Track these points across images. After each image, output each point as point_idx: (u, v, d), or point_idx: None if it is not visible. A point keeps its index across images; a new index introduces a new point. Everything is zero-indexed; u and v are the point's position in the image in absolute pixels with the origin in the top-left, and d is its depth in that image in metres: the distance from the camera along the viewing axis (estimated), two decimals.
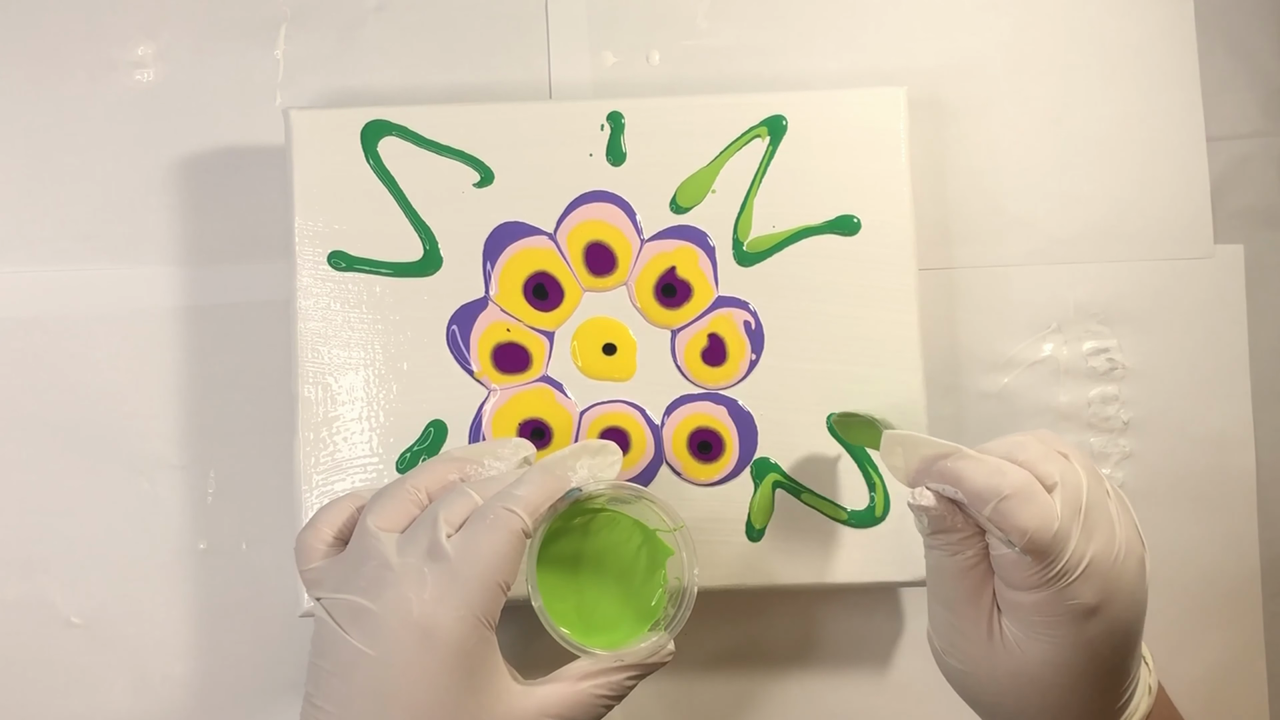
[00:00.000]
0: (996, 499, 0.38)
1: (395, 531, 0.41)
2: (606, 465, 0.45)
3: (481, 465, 0.44)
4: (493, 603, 0.40)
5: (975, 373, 0.56)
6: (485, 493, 0.42)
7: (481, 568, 0.40)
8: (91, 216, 0.55)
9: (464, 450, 0.45)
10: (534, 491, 0.42)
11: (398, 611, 0.39)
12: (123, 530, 0.54)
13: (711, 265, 0.52)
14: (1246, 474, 0.56)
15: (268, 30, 0.56)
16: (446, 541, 0.40)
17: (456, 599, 0.39)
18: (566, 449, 0.44)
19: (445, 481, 0.43)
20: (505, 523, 0.40)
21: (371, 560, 0.40)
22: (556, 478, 0.43)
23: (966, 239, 0.56)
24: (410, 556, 0.40)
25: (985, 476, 0.39)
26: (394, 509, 0.42)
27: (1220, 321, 0.56)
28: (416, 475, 0.43)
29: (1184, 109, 0.57)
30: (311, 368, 0.51)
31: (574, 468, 0.44)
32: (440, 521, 0.40)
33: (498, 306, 0.51)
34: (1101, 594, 0.39)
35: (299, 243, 0.51)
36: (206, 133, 0.55)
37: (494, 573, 0.40)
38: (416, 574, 0.40)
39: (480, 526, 0.40)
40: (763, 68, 0.56)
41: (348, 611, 0.40)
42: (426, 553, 0.40)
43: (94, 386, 0.54)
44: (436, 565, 0.40)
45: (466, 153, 0.51)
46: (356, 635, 0.39)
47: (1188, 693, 0.55)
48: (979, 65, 0.57)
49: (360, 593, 0.40)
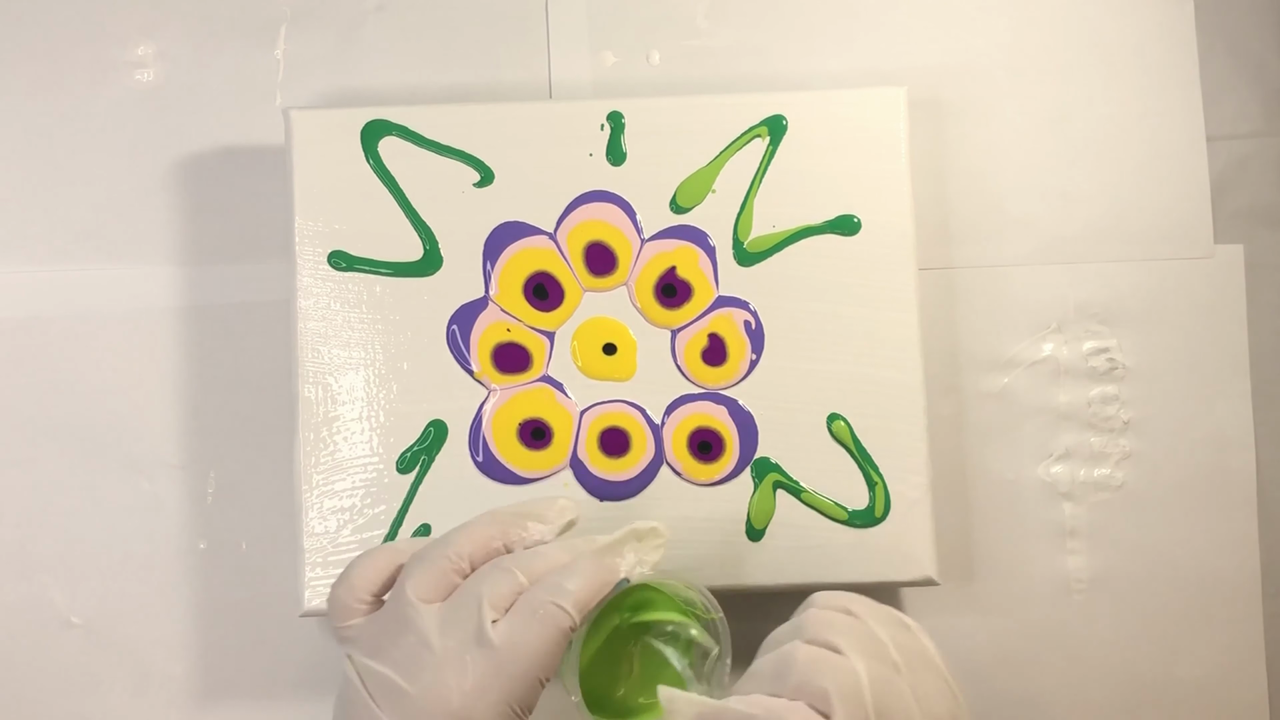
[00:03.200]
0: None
1: (435, 602, 0.40)
2: (652, 549, 0.44)
3: (525, 529, 0.43)
4: (531, 696, 0.39)
5: (975, 373, 0.56)
6: (530, 572, 0.41)
7: (526, 664, 0.39)
8: (91, 216, 0.55)
9: (507, 511, 0.43)
10: (585, 586, 0.40)
11: (436, 699, 0.38)
12: (123, 530, 0.54)
13: (712, 265, 0.52)
14: (1246, 474, 0.56)
15: (268, 30, 0.56)
16: (491, 629, 0.39)
17: (498, 692, 0.39)
18: (618, 534, 0.43)
19: (489, 548, 0.42)
20: (554, 620, 0.39)
21: (410, 635, 0.39)
22: (607, 569, 0.42)
23: (966, 239, 0.56)
24: (452, 640, 0.39)
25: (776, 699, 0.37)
26: (435, 578, 0.41)
27: (1220, 321, 0.56)
28: (458, 540, 0.42)
29: (1184, 109, 0.57)
30: (311, 368, 0.51)
31: (622, 554, 0.43)
32: (485, 605, 0.39)
33: (498, 306, 0.51)
34: None
35: (299, 243, 0.51)
36: (206, 133, 0.55)
37: (538, 669, 0.39)
38: (458, 661, 0.39)
39: (529, 620, 0.39)
40: (763, 68, 0.56)
41: (383, 686, 0.39)
42: (471, 640, 0.39)
43: (94, 386, 0.54)
44: (480, 654, 0.39)
45: (466, 152, 0.51)
46: (390, 714, 0.39)
47: (1188, 693, 0.55)
48: (979, 65, 0.57)
49: (397, 669, 0.39)
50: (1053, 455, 0.56)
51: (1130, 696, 0.55)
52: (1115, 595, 0.55)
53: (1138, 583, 0.55)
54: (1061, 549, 0.55)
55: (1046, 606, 0.55)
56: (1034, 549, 0.55)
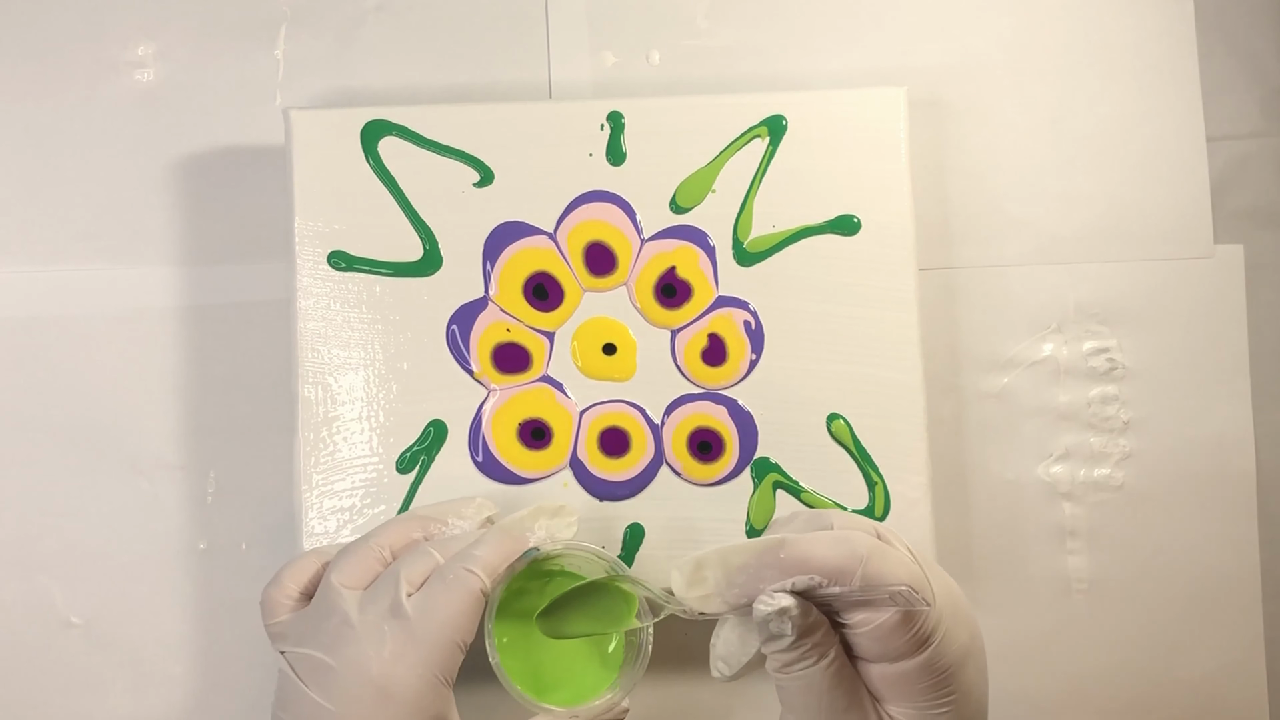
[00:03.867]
0: (860, 563, 0.38)
1: (358, 589, 0.43)
2: (564, 526, 0.46)
3: (445, 524, 0.46)
4: (450, 661, 0.41)
5: (975, 373, 0.56)
6: (447, 552, 0.43)
7: (439, 627, 0.41)
8: (91, 216, 0.55)
9: (428, 509, 0.47)
10: (492, 552, 0.43)
11: (357, 669, 0.40)
12: (123, 530, 0.54)
13: (711, 265, 0.52)
14: (1246, 474, 0.56)
15: (268, 30, 0.56)
16: (407, 601, 0.41)
17: (414, 657, 0.41)
18: (525, 510, 0.45)
19: (409, 539, 0.45)
20: (464, 583, 0.42)
21: (334, 616, 0.42)
22: (515, 538, 0.44)
23: (966, 239, 0.56)
24: (371, 614, 0.41)
25: (834, 548, 0.38)
26: (358, 566, 0.43)
27: (1220, 321, 0.56)
28: (381, 533, 0.44)
29: (1184, 109, 0.57)
30: (311, 368, 0.51)
31: (532, 528, 0.45)
32: (401, 580, 0.42)
33: (498, 306, 0.51)
34: (969, 630, 0.40)
35: (299, 243, 0.51)
36: (206, 133, 0.55)
37: (452, 632, 0.41)
38: (376, 632, 0.41)
39: (439, 586, 0.42)
40: (763, 68, 0.56)
41: (309, 666, 0.41)
42: (387, 611, 0.41)
43: (94, 386, 0.54)
44: (396, 624, 0.41)
45: (466, 153, 0.51)
46: (316, 690, 0.41)
47: (1188, 693, 0.55)
48: (979, 65, 0.57)
49: (322, 648, 0.41)
50: (1053, 455, 0.56)
51: (1130, 696, 0.55)
52: (1115, 595, 0.55)
53: (1138, 583, 0.55)
54: (1061, 549, 0.55)
55: (1046, 606, 0.55)
56: (1034, 549, 0.55)
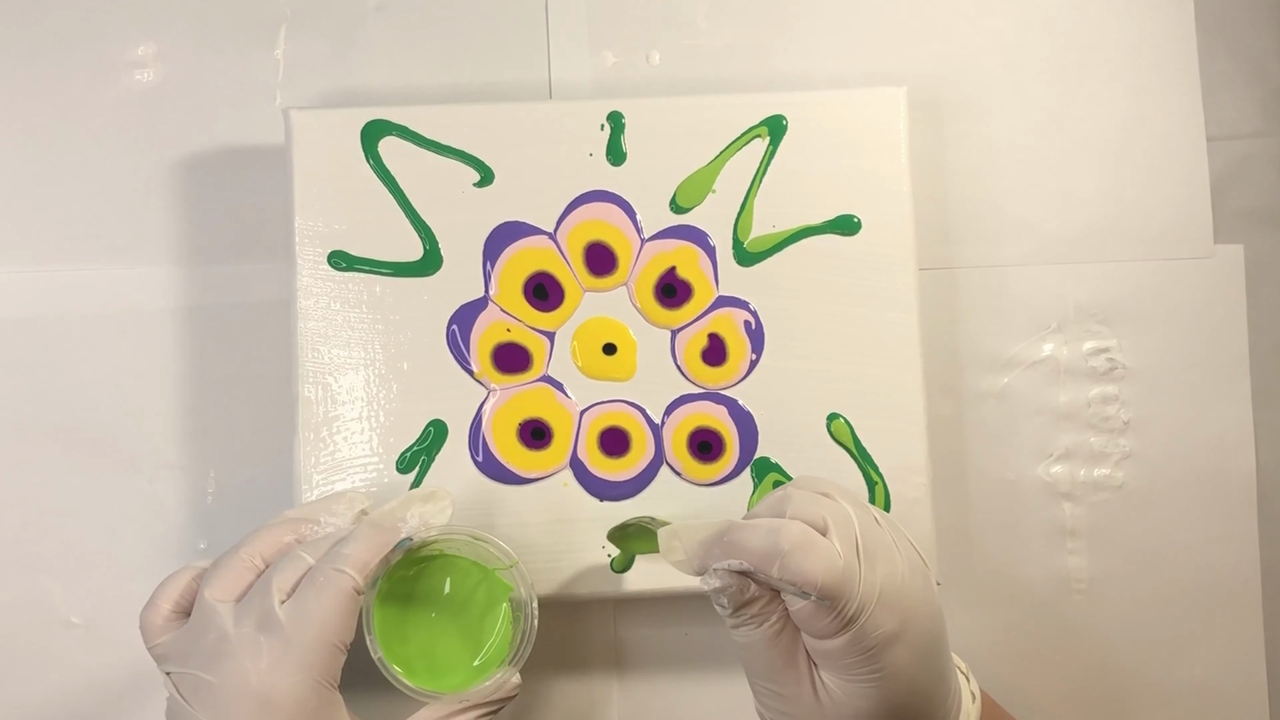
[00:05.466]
0: (780, 556, 0.39)
1: (232, 601, 0.42)
2: (438, 511, 0.46)
3: (317, 524, 0.45)
4: (331, 663, 0.41)
5: (975, 373, 0.56)
6: (318, 553, 0.43)
7: (315, 631, 0.41)
8: (91, 216, 0.55)
9: (298, 510, 0.46)
10: (362, 548, 0.43)
11: (236, 683, 0.40)
12: (123, 530, 0.54)
13: (711, 265, 0.52)
14: (1246, 474, 0.56)
15: (268, 30, 0.56)
16: (279, 609, 0.41)
17: (292, 665, 0.40)
18: (396, 500, 0.45)
19: (280, 545, 0.44)
20: (335, 583, 0.41)
21: (210, 632, 0.41)
22: (385, 530, 0.44)
23: (966, 239, 0.56)
24: (245, 626, 0.41)
25: (763, 538, 0.40)
26: (230, 578, 0.43)
27: (1220, 321, 0.56)
28: (251, 542, 0.44)
29: (1184, 109, 0.57)
30: (311, 368, 0.51)
31: (404, 517, 0.45)
32: (273, 589, 0.41)
33: (498, 306, 0.51)
34: (900, 617, 0.40)
35: (299, 243, 0.51)
36: (206, 133, 0.55)
37: (328, 634, 0.41)
38: (252, 643, 0.41)
39: (311, 590, 0.41)
40: (763, 68, 0.56)
41: (191, 685, 0.41)
42: (260, 622, 0.41)
43: (94, 386, 0.54)
44: (270, 633, 0.41)
45: (466, 153, 0.51)
46: (200, 709, 0.40)
47: (1188, 693, 0.55)
48: (979, 65, 0.57)
49: (201, 666, 0.41)
50: (1053, 455, 0.56)
51: (1130, 696, 0.55)
52: (1115, 595, 0.55)
53: (1138, 583, 0.55)
54: (1061, 549, 0.55)
55: (1046, 606, 0.55)
56: (1034, 549, 0.55)
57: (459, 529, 0.46)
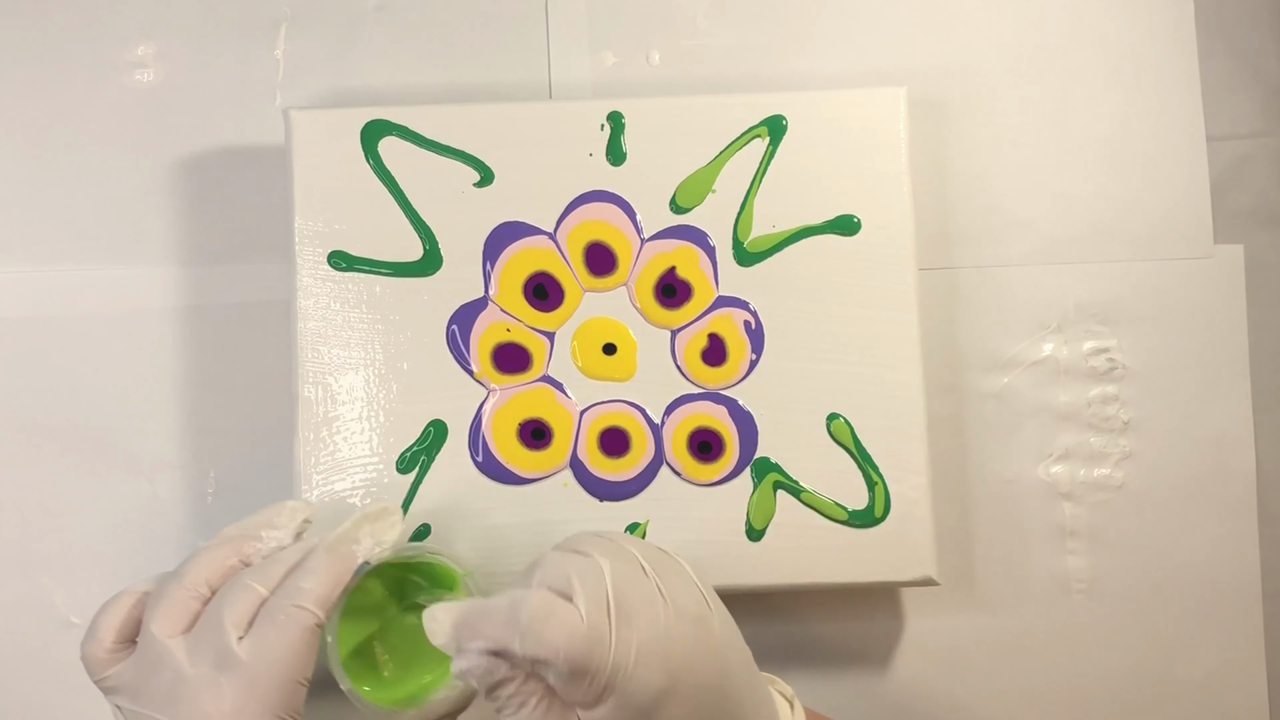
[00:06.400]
0: (518, 632, 0.37)
1: (181, 635, 0.41)
2: (388, 527, 0.45)
3: (259, 539, 0.44)
4: (294, 699, 0.40)
5: (975, 373, 0.56)
6: (268, 580, 0.41)
7: (278, 670, 0.40)
8: (91, 216, 0.55)
9: (237, 527, 0.44)
10: (322, 582, 0.41)
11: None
12: (123, 530, 0.54)
13: (711, 265, 0.52)
14: (1246, 474, 0.56)
15: (268, 30, 0.56)
16: (237, 647, 0.40)
17: (257, 706, 0.39)
18: (347, 523, 0.44)
19: (225, 568, 0.42)
20: (297, 621, 0.40)
21: (164, 671, 0.40)
22: (343, 558, 0.43)
23: (966, 239, 0.56)
24: (202, 665, 0.40)
25: (502, 614, 0.37)
26: (176, 610, 0.41)
27: (1220, 321, 0.56)
28: (193, 567, 0.42)
29: (1184, 109, 0.57)
30: (311, 368, 0.51)
31: (357, 539, 0.44)
32: (226, 625, 0.40)
33: (498, 306, 0.51)
34: (668, 671, 0.37)
35: (299, 243, 0.51)
36: (206, 133, 0.55)
37: (291, 672, 0.40)
38: (212, 685, 0.39)
39: (271, 628, 0.40)
40: (763, 68, 0.56)
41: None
42: (218, 660, 0.40)
43: (94, 386, 0.54)
44: (230, 673, 0.40)
45: (466, 153, 0.51)
46: None
47: (1188, 693, 0.55)
48: (979, 65, 0.57)
49: (157, 707, 0.40)
50: (1053, 455, 0.56)
51: (1130, 696, 0.55)
52: (1115, 595, 0.55)
53: (1138, 583, 0.55)
54: (1061, 549, 0.55)
55: (1046, 606, 0.55)
56: (1034, 549, 0.55)
57: (411, 547, 0.46)
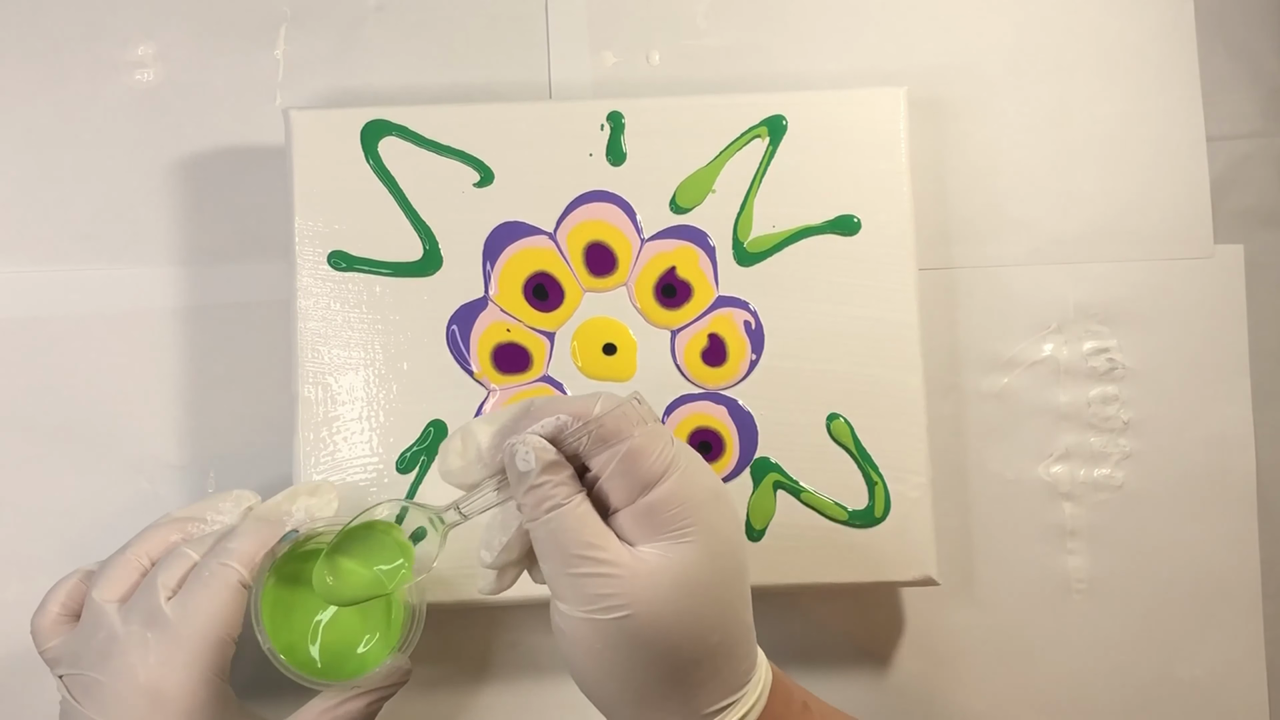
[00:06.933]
0: (596, 403, 0.39)
1: (119, 601, 0.43)
2: (324, 504, 0.47)
3: (204, 522, 0.46)
4: (219, 657, 0.42)
5: (975, 373, 0.56)
6: (201, 548, 0.44)
7: (201, 625, 0.42)
8: (91, 216, 0.55)
9: (185, 510, 0.47)
10: (247, 542, 0.43)
11: (126, 680, 0.41)
12: (123, 530, 0.54)
13: (711, 265, 0.52)
14: (1246, 474, 0.56)
15: (268, 30, 0.56)
16: (165, 605, 0.42)
17: (181, 660, 0.41)
18: (281, 494, 0.46)
19: (167, 544, 0.45)
20: (220, 577, 0.42)
21: (100, 632, 0.42)
22: (270, 524, 0.45)
23: (966, 239, 0.56)
24: (133, 624, 0.42)
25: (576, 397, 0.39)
26: (118, 578, 0.43)
27: (1220, 321, 0.56)
28: (138, 542, 0.45)
29: (1184, 109, 0.57)
30: (311, 368, 0.51)
31: (290, 511, 0.46)
32: (158, 585, 0.42)
33: (498, 306, 0.51)
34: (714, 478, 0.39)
35: (299, 243, 0.51)
36: (206, 133, 0.55)
37: (215, 628, 0.42)
38: (140, 640, 0.41)
39: (196, 585, 0.42)
40: (763, 68, 0.56)
41: (82, 686, 0.42)
42: (147, 619, 0.42)
43: (94, 386, 0.54)
44: (157, 630, 0.41)
45: (466, 153, 0.51)
46: (90, 708, 0.41)
47: (1188, 693, 0.55)
48: (979, 65, 0.57)
49: (91, 666, 0.42)
50: (1053, 455, 0.56)
51: (1130, 696, 0.55)
52: (1115, 595, 0.55)
53: (1138, 583, 0.55)
54: (1061, 549, 0.55)
55: (1046, 606, 0.55)
56: (1034, 549, 0.55)
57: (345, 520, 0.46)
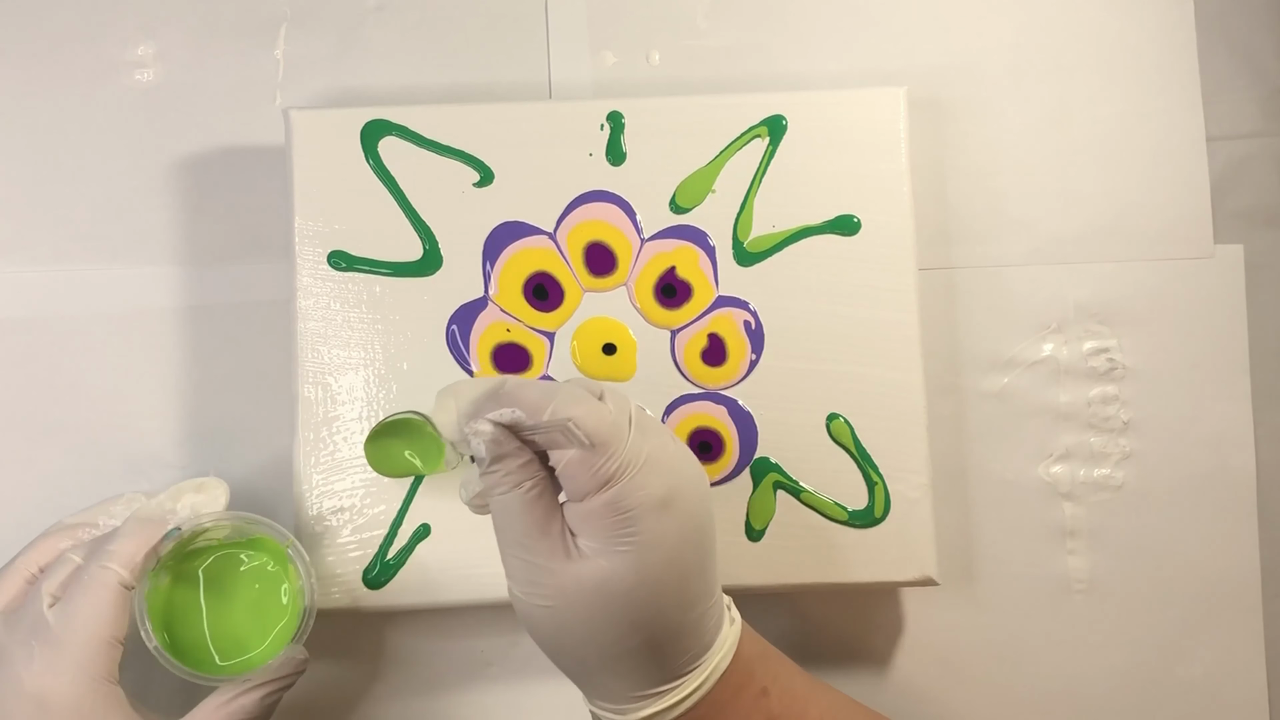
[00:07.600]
0: (551, 402, 0.39)
1: (5, 611, 0.43)
2: (210, 501, 0.47)
3: (95, 527, 0.46)
4: (106, 659, 0.42)
5: (975, 373, 0.56)
6: (85, 553, 0.44)
7: (84, 629, 0.42)
8: (91, 216, 0.55)
9: (75, 516, 0.47)
10: (127, 543, 0.43)
11: (11, 689, 0.41)
12: None
13: (711, 265, 0.52)
14: (1246, 474, 0.56)
15: (268, 30, 0.56)
16: (48, 612, 0.42)
17: (65, 664, 0.41)
18: (165, 492, 0.46)
19: (56, 552, 0.45)
20: (100, 580, 0.42)
21: None
22: (151, 523, 0.45)
23: (966, 239, 0.56)
24: (18, 632, 0.42)
25: (538, 390, 0.40)
26: (6, 589, 0.44)
27: (1220, 321, 0.56)
28: (28, 552, 0.45)
29: (1184, 109, 0.57)
30: (311, 368, 0.51)
31: (174, 509, 0.46)
32: (42, 593, 0.43)
33: (497, 306, 0.51)
34: (667, 486, 0.39)
35: (299, 243, 0.51)
36: (206, 133, 0.55)
37: (98, 630, 0.42)
38: (24, 648, 0.42)
39: (76, 590, 0.42)
40: (763, 68, 0.56)
41: None
42: (31, 627, 0.42)
43: (94, 386, 0.54)
44: (39, 637, 0.42)
45: (466, 153, 0.51)
46: None
47: (1188, 693, 0.55)
48: (979, 65, 0.57)
49: None
50: (1053, 455, 0.56)
51: (1130, 696, 0.55)
52: (1115, 595, 0.55)
53: (1138, 583, 0.55)
54: (1061, 549, 0.55)
55: (1046, 606, 0.55)
56: (1034, 549, 0.55)
57: (230, 516, 0.47)
